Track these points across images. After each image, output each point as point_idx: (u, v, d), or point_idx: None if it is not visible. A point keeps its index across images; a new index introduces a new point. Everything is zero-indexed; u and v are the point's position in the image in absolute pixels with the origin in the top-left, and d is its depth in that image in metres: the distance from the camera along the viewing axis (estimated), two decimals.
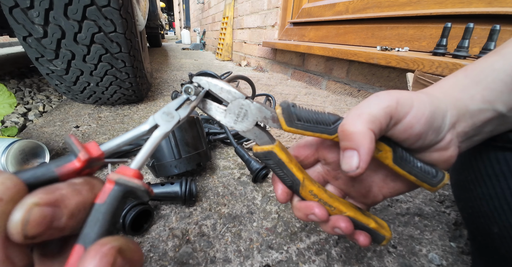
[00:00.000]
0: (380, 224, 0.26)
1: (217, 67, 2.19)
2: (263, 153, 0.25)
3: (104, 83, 0.84)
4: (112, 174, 0.16)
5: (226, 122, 0.25)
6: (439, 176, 0.22)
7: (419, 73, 0.62)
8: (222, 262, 0.35)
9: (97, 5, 0.66)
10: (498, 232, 0.25)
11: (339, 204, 0.25)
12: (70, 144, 0.16)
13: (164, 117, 0.21)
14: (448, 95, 0.23)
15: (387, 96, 0.22)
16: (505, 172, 0.25)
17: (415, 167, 0.23)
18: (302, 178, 0.25)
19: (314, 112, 0.23)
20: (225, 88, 0.24)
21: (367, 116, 0.20)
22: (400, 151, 0.23)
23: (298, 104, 0.23)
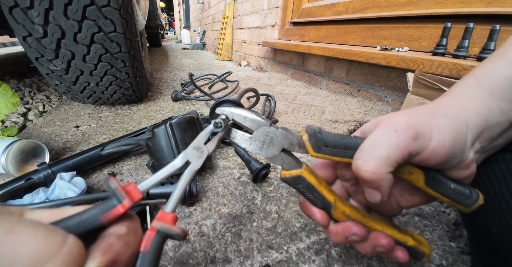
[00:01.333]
0: (418, 240, 0.26)
1: (217, 67, 2.19)
2: (292, 178, 0.24)
3: (104, 83, 0.84)
4: (155, 222, 0.17)
5: (252, 150, 0.25)
6: (473, 196, 0.22)
7: (419, 73, 0.62)
8: (222, 262, 0.35)
9: (97, 5, 0.66)
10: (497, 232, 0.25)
11: (374, 223, 0.25)
12: (113, 189, 0.16)
13: (194, 153, 0.22)
14: (468, 111, 0.22)
15: (406, 131, 0.20)
16: (504, 173, 0.25)
17: (448, 188, 0.22)
18: (333, 199, 0.24)
19: (341, 136, 0.23)
20: (249, 117, 0.24)
21: (384, 161, 0.20)
22: (432, 172, 0.22)
23: (324, 129, 0.23)
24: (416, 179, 0.22)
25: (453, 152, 0.21)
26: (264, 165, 0.51)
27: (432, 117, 0.22)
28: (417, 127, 0.20)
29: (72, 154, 0.58)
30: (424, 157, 0.21)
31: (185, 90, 1.19)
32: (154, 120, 0.86)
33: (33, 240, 0.12)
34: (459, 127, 0.21)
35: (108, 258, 0.14)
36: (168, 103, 1.06)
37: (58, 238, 0.13)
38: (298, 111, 0.96)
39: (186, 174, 0.21)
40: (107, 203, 0.16)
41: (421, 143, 0.20)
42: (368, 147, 0.21)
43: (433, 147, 0.20)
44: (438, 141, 0.20)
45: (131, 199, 0.16)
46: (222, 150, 0.66)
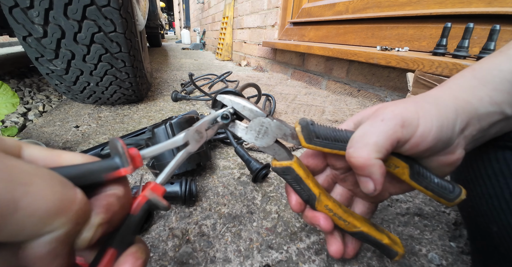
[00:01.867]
0: (393, 239, 0.27)
1: (217, 67, 2.19)
2: (281, 168, 0.26)
3: (104, 83, 0.84)
4: (148, 191, 0.18)
5: (247, 139, 0.26)
6: (456, 191, 0.23)
7: (419, 73, 0.62)
8: (222, 262, 0.35)
9: (97, 5, 0.66)
10: (497, 231, 0.25)
11: (353, 219, 0.26)
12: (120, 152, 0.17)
13: (195, 136, 0.23)
14: (458, 99, 0.23)
15: (392, 119, 0.21)
16: (504, 171, 0.25)
17: (432, 182, 0.23)
18: (318, 193, 0.26)
19: (332, 129, 0.24)
20: (247, 106, 0.25)
21: (373, 148, 0.21)
22: (417, 167, 0.23)
23: (316, 122, 0.24)
24: (401, 172, 0.23)
25: (440, 137, 0.21)
26: (264, 165, 0.51)
27: (420, 104, 0.23)
28: (404, 115, 0.21)
29: None
30: (413, 143, 0.21)
31: (185, 90, 1.19)
32: (154, 120, 0.86)
33: (51, 195, 0.12)
34: (446, 113, 0.22)
35: (108, 216, 0.15)
36: (168, 103, 1.06)
37: (71, 193, 0.13)
38: (298, 111, 0.96)
39: (181, 154, 0.22)
40: (110, 162, 0.17)
41: (409, 130, 0.21)
42: (358, 136, 0.22)
43: (421, 132, 0.21)
44: (425, 126, 0.21)
45: (134, 166, 0.17)
46: (222, 149, 0.66)
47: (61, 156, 0.17)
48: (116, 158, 0.17)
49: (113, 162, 0.17)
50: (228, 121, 0.26)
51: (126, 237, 0.17)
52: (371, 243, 0.27)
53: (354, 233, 0.27)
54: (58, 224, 0.12)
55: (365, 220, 0.27)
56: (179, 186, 0.44)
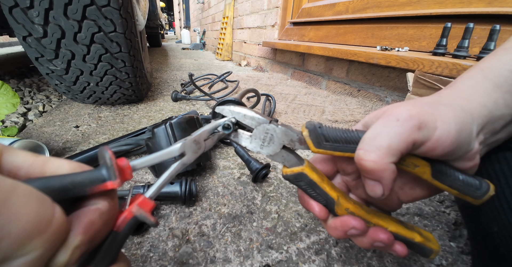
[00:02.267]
0: (425, 237, 0.25)
1: (217, 67, 2.19)
2: (293, 175, 0.24)
3: (104, 83, 0.84)
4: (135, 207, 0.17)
5: (253, 148, 0.25)
6: (484, 187, 0.21)
7: (419, 73, 0.62)
8: (222, 262, 0.35)
9: (97, 5, 0.66)
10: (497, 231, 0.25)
11: (378, 220, 0.24)
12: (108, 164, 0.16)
13: (192, 147, 0.21)
14: (473, 102, 0.22)
15: (409, 120, 0.20)
16: (505, 171, 0.25)
17: (456, 180, 0.21)
18: (336, 196, 0.24)
19: (342, 131, 0.22)
20: (248, 114, 0.24)
21: (386, 151, 0.19)
22: (439, 164, 0.21)
23: (324, 124, 0.23)
24: (422, 171, 0.22)
25: (459, 142, 0.20)
26: (264, 165, 0.51)
27: (436, 106, 0.21)
28: (421, 116, 0.20)
29: (72, 154, 0.58)
30: (430, 147, 0.20)
31: (185, 90, 1.19)
32: (154, 120, 0.86)
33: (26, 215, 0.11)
34: (464, 117, 0.21)
35: (88, 237, 0.14)
36: (168, 103, 1.06)
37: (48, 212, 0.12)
38: (298, 111, 0.96)
39: (176, 165, 0.20)
40: (96, 174, 0.16)
41: (426, 132, 0.20)
42: (370, 138, 0.20)
43: (439, 135, 0.20)
44: (443, 129, 0.20)
45: (122, 179, 0.16)
46: (222, 150, 0.66)
47: (46, 164, 0.15)
48: (103, 169, 0.16)
49: (100, 173, 0.15)
50: (230, 131, 0.25)
51: (108, 255, 0.16)
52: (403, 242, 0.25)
53: None
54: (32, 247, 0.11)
55: (392, 218, 0.25)
56: (179, 186, 0.44)
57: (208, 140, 0.23)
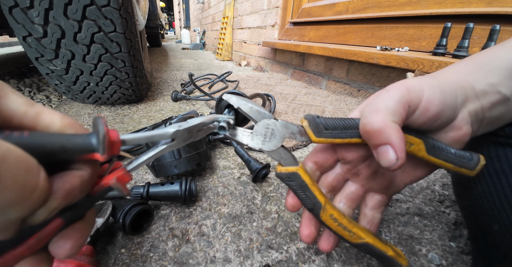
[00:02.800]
0: (397, 252, 0.27)
1: (217, 67, 2.19)
2: (286, 174, 0.25)
3: (104, 83, 0.84)
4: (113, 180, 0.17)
5: (254, 145, 0.25)
6: (475, 158, 0.22)
7: (419, 73, 0.62)
8: (222, 262, 0.35)
9: (97, 5, 0.66)
10: (498, 230, 0.25)
11: (358, 230, 0.25)
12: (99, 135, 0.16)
13: (184, 135, 0.21)
14: (454, 78, 0.24)
15: (397, 87, 0.22)
16: (505, 169, 0.25)
17: (450, 154, 0.22)
18: (324, 201, 0.25)
19: (340, 119, 0.23)
20: (254, 107, 0.25)
21: (385, 111, 0.21)
22: (431, 140, 0.23)
23: (321, 115, 0.24)
24: (418, 148, 0.23)
25: (445, 102, 0.22)
26: (264, 165, 0.51)
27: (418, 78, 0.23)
28: (408, 84, 0.22)
29: None
30: (423, 108, 0.21)
31: (185, 90, 1.19)
32: (154, 120, 0.86)
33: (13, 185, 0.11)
34: (446, 83, 0.23)
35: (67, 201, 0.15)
36: (168, 103, 1.06)
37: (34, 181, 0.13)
38: (298, 111, 0.96)
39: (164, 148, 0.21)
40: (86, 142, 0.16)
41: (416, 93, 0.21)
42: (368, 109, 0.22)
43: (428, 95, 0.21)
44: (430, 91, 0.22)
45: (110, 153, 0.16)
46: (222, 150, 0.66)
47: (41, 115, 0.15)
48: (94, 139, 0.16)
49: (90, 143, 0.16)
50: (225, 133, 0.25)
51: (77, 213, 0.17)
52: (375, 255, 0.26)
53: (359, 245, 0.26)
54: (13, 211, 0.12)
55: (369, 231, 0.27)
56: (179, 186, 0.44)
57: (201, 131, 0.23)
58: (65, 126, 0.16)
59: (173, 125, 0.21)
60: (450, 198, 0.50)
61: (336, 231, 0.26)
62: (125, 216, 0.37)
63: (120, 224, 0.37)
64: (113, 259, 0.35)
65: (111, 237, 0.38)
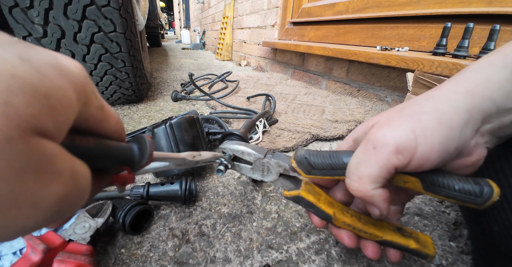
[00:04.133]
0: (422, 242, 0.26)
1: (217, 67, 2.19)
2: (292, 197, 0.28)
3: (104, 83, 0.84)
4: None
5: (256, 177, 0.30)
6: (485, 194, 0.19)
7: (419, 73, 0.62)
8: (222, 261, 0.35)
9: (97, 5, 0.66)
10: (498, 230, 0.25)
11: (374, 230, 0.26)
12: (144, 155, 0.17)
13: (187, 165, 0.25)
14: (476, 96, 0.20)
15: (384, 146, 0.20)
16: (505, 170, 0.25)
17: (452, 190, 0.20)
18: (332, 212, 0.27)
19: (329, 156, 0.24)
20: (246, 151, 0.28)
21: (368, 180, 0.21)
22: (430, 177, 0.21)
23: (311, 152, 0.25)
24: (413, 186, 0.22)
25: (448, 150, 0.20)
26: None
27: (416, 119, 0.20)
28: (397, 139, 0.19)
29: None
30: (416, 165, 0.20)
31: (185, 90, 1.19)
32: (154, 120, 0.86)
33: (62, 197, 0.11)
34: (451, 121, 0.19)
35: None
36: (168, 103, 1.06)
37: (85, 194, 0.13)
38: (298, 111, 0.96)
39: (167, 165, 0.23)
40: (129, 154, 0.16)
41: (405, 154, 0.19)
42: (353, 166, 0.22)
43: (421, 153, 0.19)
44: (425, 145, 0.19)
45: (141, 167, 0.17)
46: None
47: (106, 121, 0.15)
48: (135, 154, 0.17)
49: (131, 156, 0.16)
50: (223, 174, 0.30)
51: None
52: (400, 249, 0.26)
53: (379, 242, 0.27)
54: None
55: (389, 225, 0.27)
56: (179, 185, 0.44)
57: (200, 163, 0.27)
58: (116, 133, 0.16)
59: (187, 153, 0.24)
60: None
61: (353, 233, 0.27)
62: (125, 216, 0.37)
63: (120, 224, 0.37)
64: (113, 259, 0.35)
65: (111, 237, 0.38)
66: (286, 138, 0.72)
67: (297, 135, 0.73)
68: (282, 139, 0.71)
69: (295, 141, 0.70)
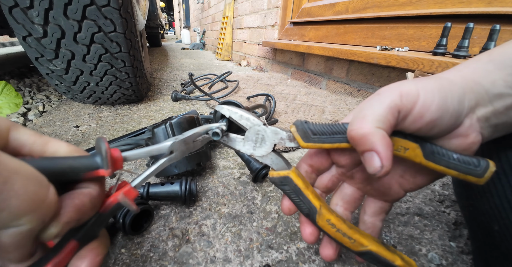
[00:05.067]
0: (407, 261, 0.24)
1: (217, 67, 2.19)
2: (279, 178, 0.25)
3: (104, 83, 0.84)
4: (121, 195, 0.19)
5: (246, 150, 0.26)
6: (483, 164, 0.19)
7: (419, 73, 0.62)
8: (222, 261, 0.35)
9: (97, 5, 0.66)
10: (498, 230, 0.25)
11: (359, 237, 0.24)
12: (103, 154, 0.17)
13: (181, 147, 0.23)
14: (466, 78, 0.22)
15: (389, 92, 0.21)
16: (506, 169, 0.25)
17: (452, 159, 0.20)
18: (319, 205, 0.24)
19: (328, 124, 0.23)
20: (244, 115, 0.25)
21: (372, 117, 0.20)
22: (429, 145, 0.21)
23: (311, 121, 0.24)
24: (414, 154, 0.21)
25: (445, 107, 0.20)
26: (264, 165, 0.51)
27: (418, 80, 0.21)
28: (402, 89, 0.21)
29: None
30: (417, 114, 0.20)
31: (185, 90, 1.19)
32: (154, 120, 0.86)
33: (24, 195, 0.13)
34: (450, 86, 0.21)
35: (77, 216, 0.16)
36: (168, 103, 1.06)
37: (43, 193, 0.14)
38: (298, 111, 0.96)
39: (163, 161, 0.22)
40: (91, 161, 0.17)
41: (409, 99, 0.20)
42: (356, 111, 0.22)
43: (423, 101, 0.20)
44: (426, 96, 0.20)
45: (113, 168, 0.18)
46: (222, 149, 0.66)
47: (48, 144, 0.17)
48: (97, 157, 0.17)
49: (94, 161, 0.17)
50: (219, 138, 0.26)
51: (91, 232, 0.18)
52: (381, 264, 0.24)
53: (362, 253, 0.24)
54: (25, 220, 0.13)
55: (373, 238, 0.25)
56: (179, 185, 0.44)
57: (197, 142, 0.25)
58: (70, 152, 0.18)
59: (170, 139, 0.23)
60: (450, 198, 0.50)
61: (335, 237, 0.24)
62: (125, 216, 0.37)
63: (120, 224, 0.37)
64: (113, 259, 0.35)
65: (111, 237, 0.38)
66: None
67: None
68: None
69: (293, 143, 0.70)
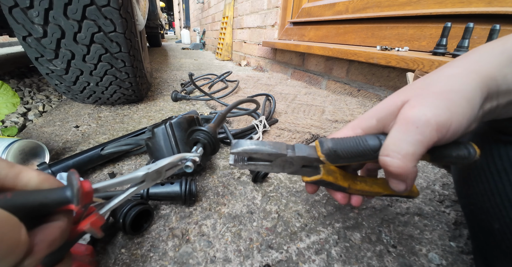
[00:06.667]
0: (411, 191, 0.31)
1: (217, 67, 2.19)
2: (314, 181, 0.28)
3: (104, 83, 0.84)
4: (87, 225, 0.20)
5: (275, 172, 0.28)
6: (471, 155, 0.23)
7: (419, 73, 0.62)
8: (222, 261, 0.35)
9: (97, 5, 0.66)
10: (499, 228, 0.25)
11: (378, 188, 0.30)
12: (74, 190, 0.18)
13: (154, 176, 0.24)
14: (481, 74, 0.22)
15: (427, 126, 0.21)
16: (507, 168, 0.25)
17: (452, 158, 0.23)
18: (347, 185, 0.29)
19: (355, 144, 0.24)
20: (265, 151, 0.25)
21: (412, 157, 0.21)
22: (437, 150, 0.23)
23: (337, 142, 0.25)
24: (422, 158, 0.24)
25: (469, 126, 0.22)
26: None
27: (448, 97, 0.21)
28: (438, 119, 0.21)
29: (72, 153, 0.58)
30: (446, 140, 0.22)
31: (185, 90, 1.19)
32: (154, 120, 0.86)
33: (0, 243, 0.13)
34: (473, 100, 0.21)
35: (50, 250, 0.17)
36: (168, 103, 1.06)
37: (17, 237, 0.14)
38: (298, 111, 0.96)
39: (134, 189, 0.23)
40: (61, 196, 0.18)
41: (443, 131, 0.21)
42: (393, 144, 0.22)
43: (453, 129, 0.21)
44: (457, 122, 0.21)
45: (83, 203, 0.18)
46: (222, 149, 0.66)
47: (19, 175, 0.17)
48: (68, 192, 0.18)
49: (65, 196, 0.18)
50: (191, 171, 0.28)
51: (57, 257, 0.19)
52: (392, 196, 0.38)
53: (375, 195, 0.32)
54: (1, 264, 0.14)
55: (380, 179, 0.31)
56: (179, 185, 0.44)
57: (169, 170, 0.26)
58: (41, 182, 0.18)
59: (143, 168, 0.24)
60: (450, 197, 0.50)
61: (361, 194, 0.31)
62: (125, 216, 0.37)
63: (120, 224, 0.37)
64: (113, 259, 0.35)
65: (111, 237, 0.38)
66: (286, 137, 0.72)
67: (297, 134, 0.73)
68: (282, 139, 0.71)
69: (295, 141, 0.70)
